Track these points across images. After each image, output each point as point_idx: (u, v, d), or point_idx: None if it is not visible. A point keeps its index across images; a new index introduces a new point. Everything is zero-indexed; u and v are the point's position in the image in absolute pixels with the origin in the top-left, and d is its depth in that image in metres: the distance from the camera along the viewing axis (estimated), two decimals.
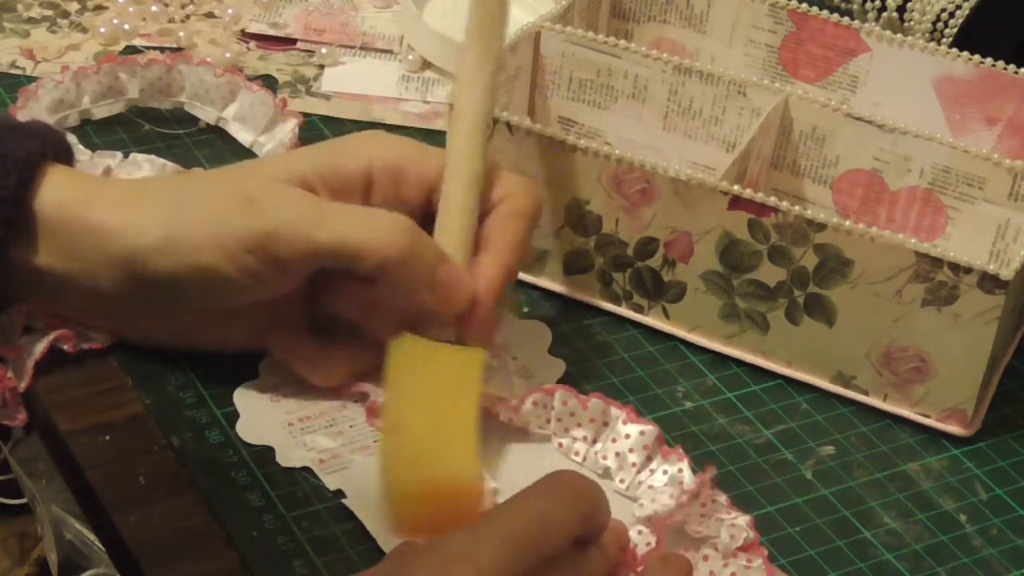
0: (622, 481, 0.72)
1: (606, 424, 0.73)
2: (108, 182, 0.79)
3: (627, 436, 0.72)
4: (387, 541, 0.68)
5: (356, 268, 0.71)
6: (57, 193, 0.73)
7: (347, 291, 0.74)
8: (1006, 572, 0.72)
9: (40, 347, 0.75)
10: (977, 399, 0.77)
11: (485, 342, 0.73)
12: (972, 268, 0.74)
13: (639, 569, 0.67)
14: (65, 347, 0.75)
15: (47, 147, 0.74)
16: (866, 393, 0.79)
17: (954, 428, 0.78)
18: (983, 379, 0.77)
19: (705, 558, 0.68)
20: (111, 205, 0.73)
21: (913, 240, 0.75)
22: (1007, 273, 0.74)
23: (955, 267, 0.74)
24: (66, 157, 0.76)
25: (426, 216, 0.75)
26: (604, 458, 0.73)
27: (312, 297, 0.75)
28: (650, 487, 0.71)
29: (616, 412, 0.73)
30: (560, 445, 0.74)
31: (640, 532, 0.69)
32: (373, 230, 0.71)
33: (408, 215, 0.73)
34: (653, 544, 0.68)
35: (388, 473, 0.68)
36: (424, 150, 0.76)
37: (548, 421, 0.74)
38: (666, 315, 0.82)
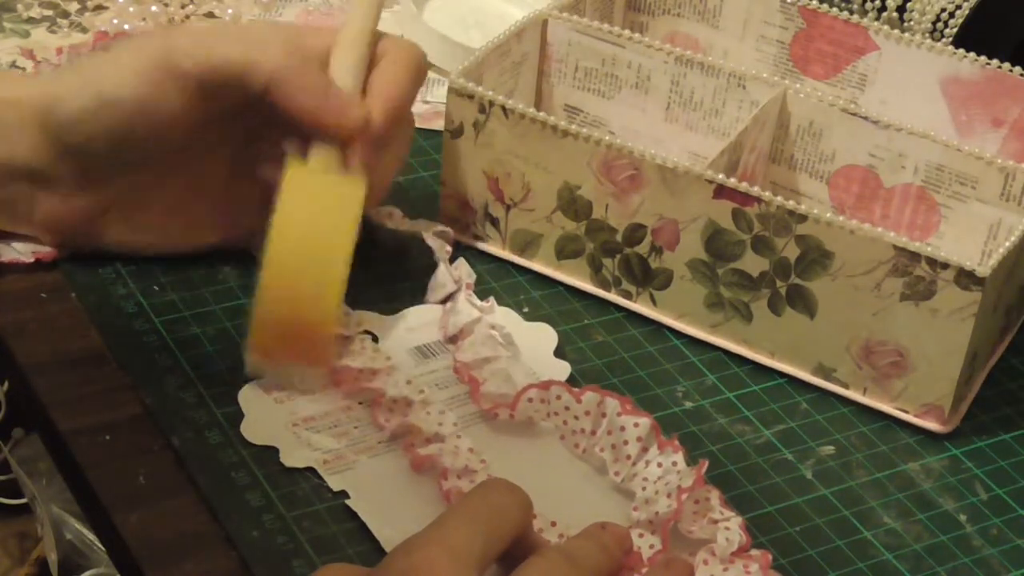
0: (617, 474, 0.72)
1: (604, 415, 0.73)
2: (11, 71, 0.84)
3: (622, 428, 0.72)
4: (389, 542, 0.68)
5: (249, 84, 0.76)
6: None
7: (267, 149, 0.79)
8: (1006, 572, 0.72)
9: None
10: (955, 396, 0.77)
11: (368, 170, 0.77)
12: (949, 264, 0.74)
13: (644, 571, 0.67)
14: None
15: None
16: (846, 386, 0.79)
17: (932, 424, 0.78)
18: (961, 376, 0.77)
19: (705, 561, 0.68)
20: (22, 81, 0.79)
21: (892, 234, 0.75)
22: (983, 270, 0.74)
23: (932, 262, 0.74)
24: None
25: None
26: (601, 450, 0.73)
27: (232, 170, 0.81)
28: (644, 479, 0.71)
29: (612, 404, 0.73)
30: (562, 437, 0.74)
31: (642, 535, 0.69)
32: (263, 45, 0.77)
33: None
34: (658, 547, 0.68)
35: (258, 295, 0.72)
36: (318, 28, 0.82)
37: (548, 415, 0.74)
38: (653, 302, 0.82)
